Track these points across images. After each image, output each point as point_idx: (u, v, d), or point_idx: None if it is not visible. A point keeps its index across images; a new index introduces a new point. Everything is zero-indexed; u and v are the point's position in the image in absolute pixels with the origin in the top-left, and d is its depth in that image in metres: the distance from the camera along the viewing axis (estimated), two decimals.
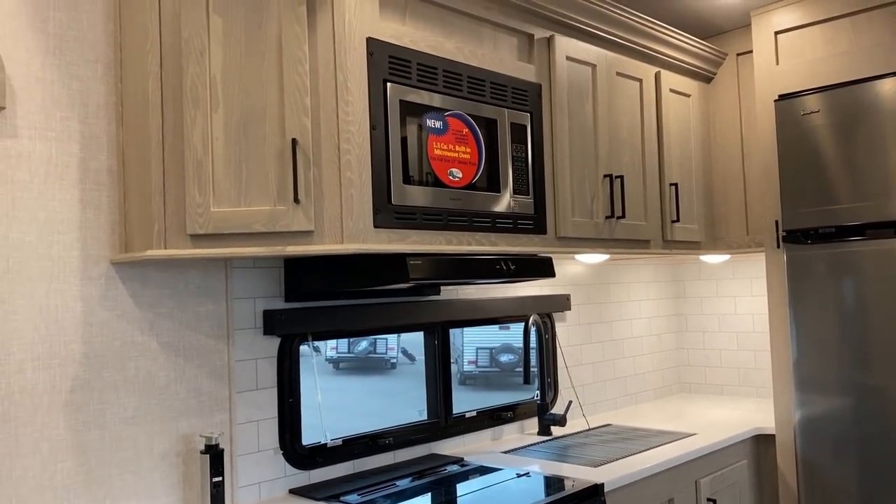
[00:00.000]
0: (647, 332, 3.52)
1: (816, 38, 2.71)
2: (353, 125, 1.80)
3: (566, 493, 2.04)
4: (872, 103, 2.50)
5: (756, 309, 3.44)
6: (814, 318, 2.63)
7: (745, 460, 2.75)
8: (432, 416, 2.55)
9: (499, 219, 2.18)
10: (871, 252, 2.50)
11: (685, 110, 3.03)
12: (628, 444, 2.57)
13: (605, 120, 2.60)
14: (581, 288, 3.18)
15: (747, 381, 3.47)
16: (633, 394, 3.39)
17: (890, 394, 2.46)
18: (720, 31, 3.15)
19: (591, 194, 2.53)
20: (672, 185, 2.90)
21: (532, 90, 2.32)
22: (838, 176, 2.57)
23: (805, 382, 2.65)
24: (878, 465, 2.48)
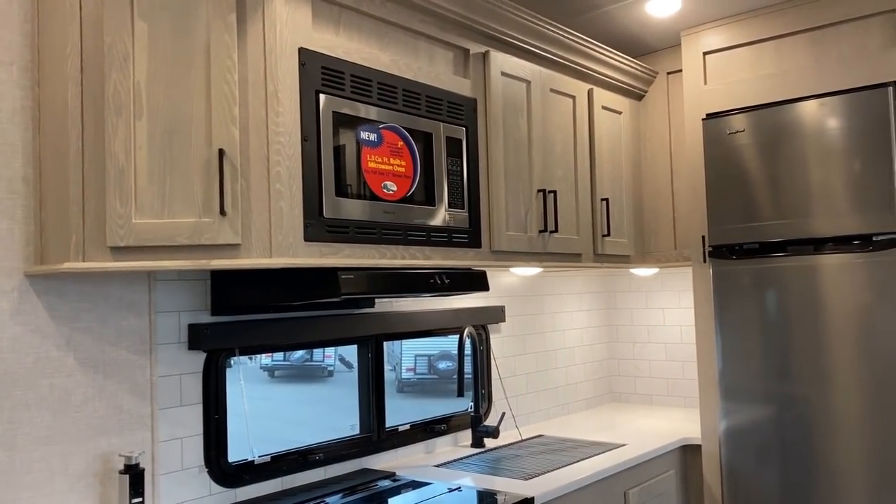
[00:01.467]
0: (580, 342, 3.57)
1: (743, 59, 2.80)
2: (283, 136, 1.77)
3: None
4: (794, 124, 2.60)
5: (684, 321, 3.53)
6: (738, 330, 2.70)
7: (673, 470, 2.81)
8: (364, 431, 2.52)
9: (434, 232, 2.17)
10: (793, 267, 2.59)
11: (617, 127, 3.09)
12: (559, 456, 2.59)
13: (539, 135, 2.63)
14: (516, 299, 3.20)
15: (675, 391, 3.55)
16: (565, 404, 3.43)
17: (810, 403, 2.55)
18: (651, 49, 3.23)
19: (525, 209, 2.55)
20: (603, 200, 2.95)
21: (468, 105, 2.32)
22: (762, 194, 2.66)
23: (730, 393, 2.72)
24: (798, 471, 2.57)
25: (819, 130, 2.54)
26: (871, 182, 2.44)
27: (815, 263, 2.55)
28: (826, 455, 2.51)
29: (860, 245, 2.47)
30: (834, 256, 2.51)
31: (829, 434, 2.51)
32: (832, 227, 2.52)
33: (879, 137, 2.43)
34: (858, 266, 2.46)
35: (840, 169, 2.50)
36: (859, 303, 2.46)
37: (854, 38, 2.57)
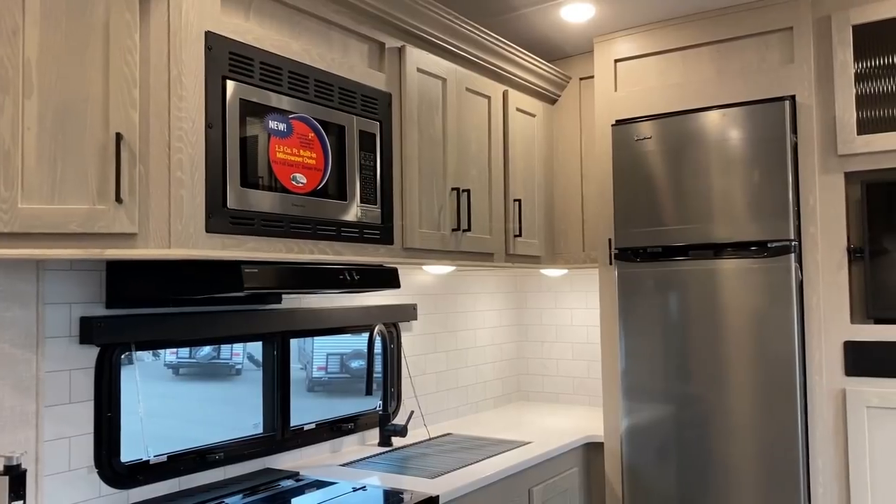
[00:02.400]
0: (490, 341, 3.59)
1: (651, 68, 2.89)
2: (186, 122, 1.70)
3: None
4: (698, 133, 2.69)
5: (591, 321, 3.61)
6: (640, 331, 2.78)
7: (576, 468, 2.87)
8: (268, 430, 2.45)
9: (344, 227, 2.13)
10: (694, 271, 2.69)
11: (530, 129, 3.13)
12: (467, 454, 2.60)
13: (454, 134, 2.63)
14: (428, 298, 3.19)
15: (581, 389, 3.63)
16: (474, 402, 3.45)
17: (707, 402, 2.65)
18: (565, 55, 3.29)
19: (439, 206, 2.55)
20: (516, 200, 2.98)
21: (382, 99, 2.30)
22: (666, 199, 2.75)
23: (631, 392, 2.80)
24: (695, 469, 2.66)
25: (721, 140, 2.65)
26: (767, 191, 2.56)
27: (715, 268, 2.65)
28: (720, 452, 2.62)
29: (756, 251, 2.58)
30: (732, 261, 2.62)
31: (723, 432, 2.61)
32: (731, 233, 2.62)
33: (776, 149, 2.55)
34: (754, 271, 2.58)
35: (740, 178, 2.61)
36: (754, 306, 2.57)
37: (755, 52, 2.69)
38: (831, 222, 2.57)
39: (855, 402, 2.49)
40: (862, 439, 2.48)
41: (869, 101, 2.52)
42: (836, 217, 2.56)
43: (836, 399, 2.53)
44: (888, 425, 2.44)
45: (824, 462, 2.52)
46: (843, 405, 2.52)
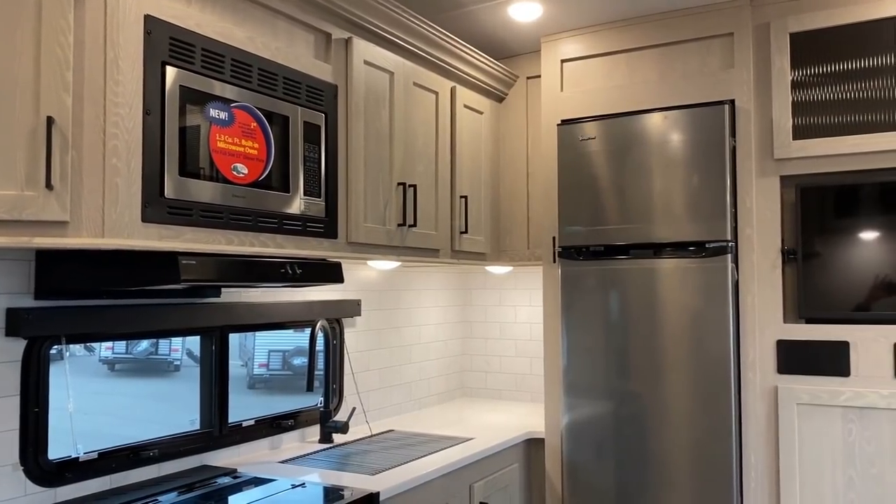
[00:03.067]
0: (435, 338, 3.59)
1: (597, 69, 2.93)
2: (122, 108, 1.64)
3: (342, 503, 2.00)
4: (641, 135, 2.74)
5: (534, 318, 3.64)
6: (582, 329, 2.82)
7: (517, 463, 2.89)
8: (205, 426, 2.40)
9: (287, 220, 2.10)
10: (634, 270, 2.73)
11: (477, 126, 3.13)
12: (408, 451, 2.59)
13: (401, 128, 2.61)
14: (372, 293, 3.17)
15: (523, 386, 3.66)
16: (417, 399, 3.44)
17: (646, 399, 2.70)
18: (513, 53, 3.30)
19: (385, 201, 2.53)
20: (462, 197, 2.98)
21: (328, 90, 2.27)
22: (609, 199, 2.79)
23: (573, 388, 2.83)
24: (633, 463, 2.71)
25: (662, 142, 2.70)
26: (706, 193, 2.62)
27: (655, 267, 2.70)
28: (657, 448, 2.67)
29: (695, 251, 2.64)
30: (671, 261, 2.67)
31: (660, 428, 2.66)
32: (671, 234, 2.67)
33: (715, 152, 2.61)
34: (692, 270, 2.63)
35: (680, 179, 2.66)
36: (692, 305, 2.63)
37: (697, 56, 2.75)
38: (767, 224, 2.64)
39: (786, 399, 2.57)
40: (792, 435, 2.56)
41: (805, 108, 2.60)
42: (771, 219, 2.64)
43: (768, 396, 2.61)
44: (816, 421, 2.53)
45: (756, 457, 2.59)
46: (775, 402, 2.60)
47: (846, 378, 2.50)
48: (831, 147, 2.54)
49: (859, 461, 2.47)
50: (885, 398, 2.43)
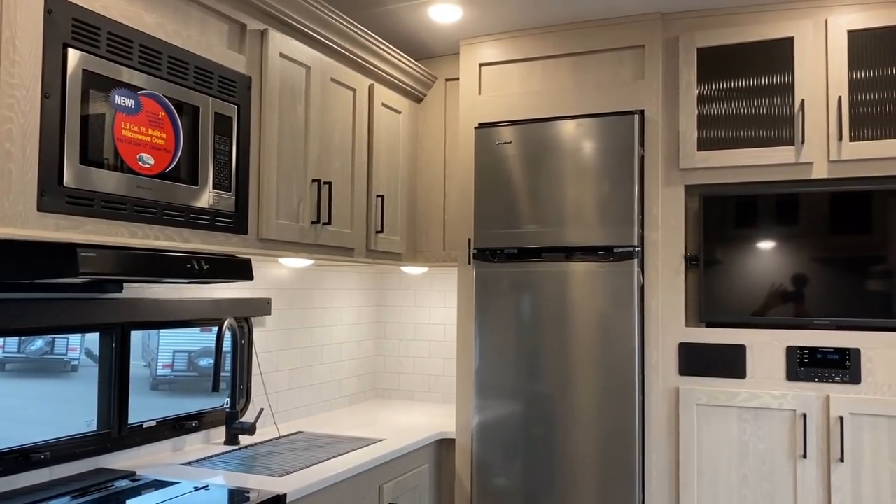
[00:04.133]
0: (348, 338, 3.55)
1: (514, 74, 2.97)
2: (18, 90, 1.55)
3: None
4: (555, 141, 2.79)
5: (449, 319, 3.66)
6: (495, 330, 2.85)
7: (427, 464, 2.89)
8: (103, 427, 2.29)
9: (195, 214, 2.03)
10: (546, 273, 2.78)
11: (395, 126, 3.13)
12: (317, 452, 2.55)
13: (317, 124, 2.57)
14: (284, 292, 3.10)
15: (436, 387, 3.67)
16: (328, 400, 3.39)
17: (555, 400, 2.75)
18: (433, 54, 3.31)
19: (298, 197, 2.48)
20: (379, 196, 2.97)
21: (241, 82, 2.21)
22: (524, 203, 2.83)
23: (484, 389, 2.86)
24: (541, 463, 2.76)
25: (575, 148, 2.76)
26: (615, 199, 2.70)
27: (566, 270, 2.76)
28: (565, 447, 2.72)
29: (604, 255, 2.71)
30: (582, 264, 2.73)
31: (568, 428, 2.72)
32: (582, 238, 2.74)
33: (625, 160, 2.69)
34: (601, 274, 2.70)
35: (591, 185, 2.73)
36: (600, 307, 2.70)
37: (610, 66, 2.83)
38: (671, 231, 2.74)
39: (687, 400, 2.67)
40: (691, 434, 2.66)
41: (709, 120, 2.71)
42: (676, 226, 2.74)
43: (670, 397, 2.71)
44: (714, 422, 2.64)
45: (658, 456, 2.69)
46: (677, 402, 2.70)
47: (742, 380, 2.63)
48: (732, 159, 2.66)
49: (753, 459, 2.59)
50: (778, 399, 2.56)
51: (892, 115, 2.49)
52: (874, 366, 2.47)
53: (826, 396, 2.51)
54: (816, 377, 2.54)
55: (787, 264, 2.60)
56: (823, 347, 2.53)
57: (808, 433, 2.52)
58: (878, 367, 2.47)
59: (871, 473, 2.46)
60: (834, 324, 2.55)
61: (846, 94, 2.53)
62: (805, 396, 2.53)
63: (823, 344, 2.53)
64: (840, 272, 2.54)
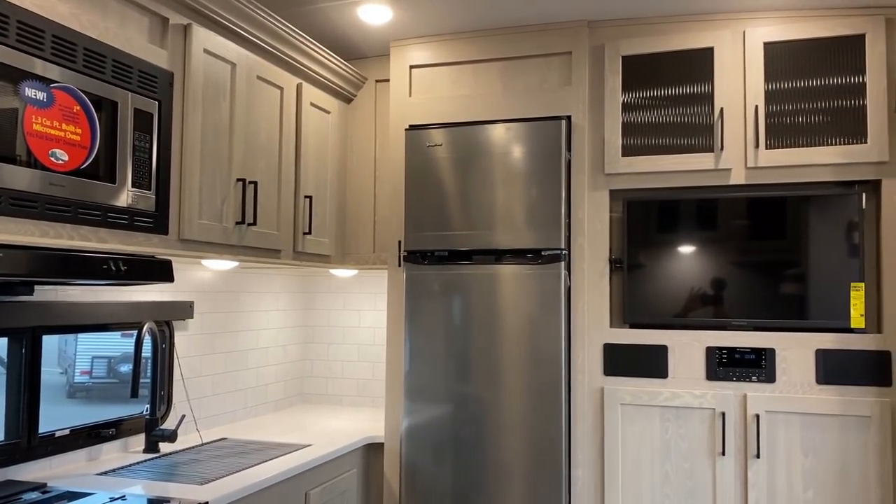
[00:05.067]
0: (274, 343, 3.48)
1: (444, 77, 2.97)
2: None
3: None
4: (485, 144, 2.81)
5: (378, 322, 3.63)
6: (425, 333, 2.84)
7: (355, 469, 2.85)
8: (11, 437, 2.17)
9: (112, 213, 1.95)
10: (476, 275, 2.79)
11: (325, 126, 3.09)
12: (242, 459, 2.48)
13: (242, 122, 2.52)
14: (207, 295, 3.02)
15: (365, 391, 3.63)
16: (253, 406, 3.32)
17: (484, 402, 2.76)
18: (363, 55, 3.29)
19: (222, 197, 2.42)
20: (307, 197, 2.92)
21: (163, 77, 2.14)
22: (454, 206, 2.83)
23: (414, 392, 2.84)
24: (470, 465, 2.76)
25: (505, 152, 2.78)
26: (543, 203, 2.73)
27: (496, 272, 2.77)
28: (493, 449, 2.74)
29: (532, 258, 2.74)
30: (511, 267, 2.76)
31: (497, 430, 2.74)
32: (511, 241, 2.76)
33: (552, 164, 2.73)
34: (529, 276, 2.73)
35: (520, 189, 2.76)
36: (528, 309, 2.72)
37: (538, 72, 2.87)
38: (597, 235, 2.79)
39: (611, 400, 2.72)
40: (616, 434, 2.72)
41: (633, 126, 2.78)
42: (601, 230, 2.79)
43: (595, 397, 2.75)
44: (638, 421, 2.70)
45: (584, 455, 2.73)
46: (602, 402, 2.75)
47: (665, 380, 2.69)
48: (655, 165, 2.73)
49: (674, 457, 2.66)
50: (698, 398, 2.64)
51: (804, 124, 2.60)
52: (788, 365, 2.58)
53: (743, 395, 2.60)
54: (734, 376, 2.62)
55: (706, 268, 2.69)
56: (741, 348, 2.62)
57: (726, 431, 2.61)
58: (791, 367, 2.57)
59: (784, 469, 2.56)
60: (751, 325, 2.64)
61: (762, 103, 2.64)
62: (724, 395, 2.62)
63: (741, 344, 2.62)
64: (756, 276, 2.64)
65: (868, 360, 2.51)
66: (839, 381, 2.53)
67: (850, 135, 2.56)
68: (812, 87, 2.60)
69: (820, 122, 2.59)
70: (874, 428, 2.48)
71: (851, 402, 2.50)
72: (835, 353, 2.54)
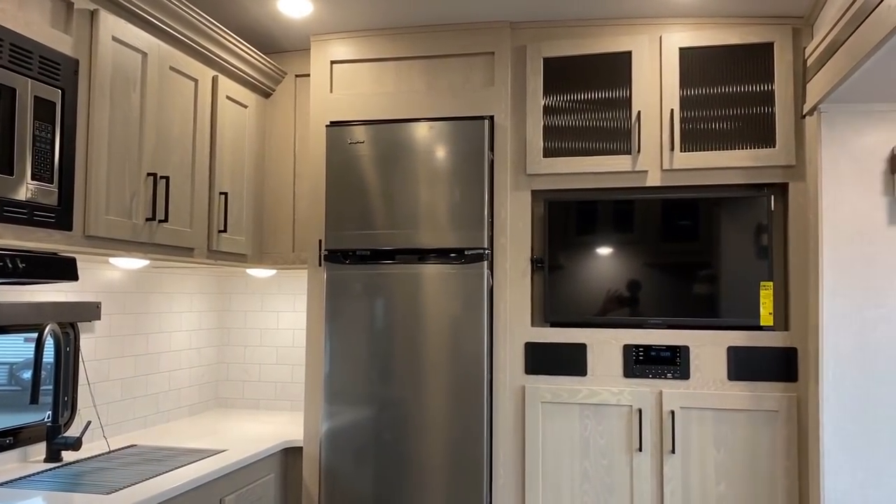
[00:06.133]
0: (187, 345, 3.35)
1: (367, 74, 2.93)
2: None
3: None
4: (408, 143, 2.78)
5: (297, 324, 3.55)
6: (347, 334, 2.79)
7: (273, 474, 2.77)
8: None
9: (9, 206, 1.83)
10: (399, 275, 2.76)
11: (241, 121, 2.99)
12: (152, 466, 2.37)
13: (153, 114, 2.41)
14: (116, 296, 2.88)
15: (284, 395, 3.54)
16: (165, 411, 3.18)
17: (406, 403, 2.72)
18: (282, 49, 3.21)
19: (132, 192, 2.31)
20: (222, 193, 2.82)
21: (67, 65, 2.02)
22: (377, 204, 2.79)
23: (335, 395, 2.78)
24: (392, 467, 2.72)
25: (428, 151, 2.76)
26: (466, 202, 2.72)
27: (419, 272, 2.75)
28: (416, 450, 2.71)
29: (455, 257, 2.73)
30: (434, 266, 2.74)
31: (419, 431, 2.71)
32: (434, 240, 2.74)
33: (475, 164, 2.73)
34: (453, 276, 2.72)
35: (443, 188, 2.74)
36: (451, 309, 2.71)
37: (461, 71, 2.86)
38: (519, 235, 2.81)
39: (532, 398, 2.74)
40: (536, 432, 2.73)
41: (555, 128, 2.80)
42: (523, 230, 2.81)
43: (517, 395, 2.77)
44: (556, 418, 2.73)
45: (505, 453, 2.73)
46: (523, 401, 2.76)
47: (583, 377, 2.73)
48: (575, 166, 2.77)
49: (593, 454, 2.70)
50: (616, 395, 2.68)
51: (717, 129, 2.69)
52: (701, 362, 2.65)
53: (659, 392, 2.66)
54: (650, 374, 2.68)
55: (624, 267, 2.74)
56: (656, 345, 2.69)
57: (643, 427, 2.66)
58: (704, 363, 2.65)
59: (698, 463, 2.63)
60: (666, 323, 2.71)
61: (678, 107, 2.71)
62: (640, 392, 2.67)
63: (656, 342, 2.69)
64: (671, 275, 2.71)
65: (776, 356, 2.61)
66: (749, 377, 2.62)
67: (760, 139, 2.66)
68: (725, 92, 2.69)
69: (732, 126, 2.68)
70: (781, 422, 2.58)
71: (760, 398, 2.60)
72: (745, 349, 2.63)
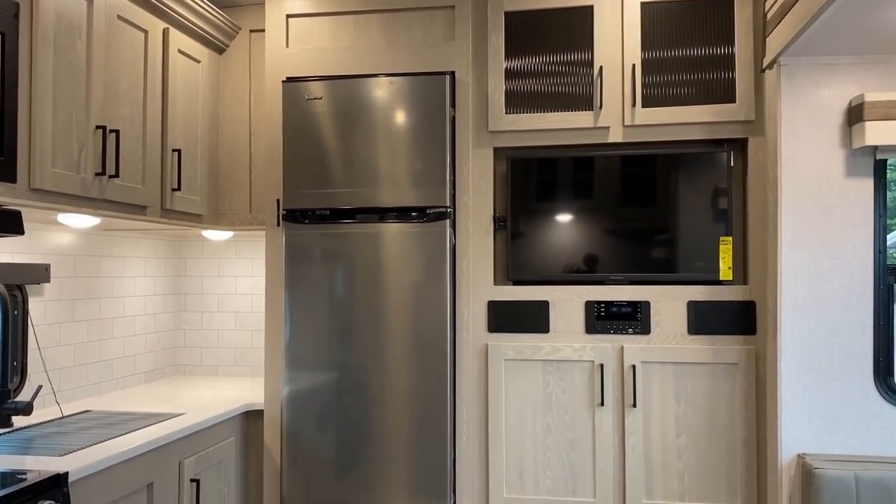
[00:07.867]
0: (143, 311, 3.27)
1: (324, 28, 2.85)
2: None
3: (17, 487, 1.70)
4: (367, 99, 2.72)
5: (256, 289, 3.48)
6: (307, 297, 2.74)
7: (233, 437, 2.73)
8: None
9: None
10: (359, 234, 2.72)
11: (194, 76, 2.89)
12: (107, 430, 2.31)
13: (101, 65, 2.30)
14: (66, 258, 2.78)
15: (243, 360, 3.48)
16: (120, 377, 3.10)
17: (369, 366, 2.69)
18: (236, 3, 3.10)
19: (80, 145, 2.21)
20: (175, 150, 2.73)
21: (6, 8, 1.91)
22: (336, 162, 2.73)
23: (295, 360, 2.74)
24: (354, 431, 2.70)
25: (388, 107, 2.71)
26: (428, 160, 2.68)
27: (379, 231, 2.70)
28: (379, 413, 2.68)
29: (417, 216, 2.69)
30: (395, 225, 2.70)
31: (382, 393, 2.68)
32: (395, 199, 2.70)
33: (437, 121, 2.68)
34: (414, 235, 2.68)
35: (404, 145, 2.69)
36: (414, 268, 2.68)
37: (421, 26, 2.80)
38: (481, 193, 2.78)
39: (495, 356, 2.73)
40: (499, 389, 2.73)
41: (517, 84, 2.77)
42: (485, 188, 2.78)
43: (480, 353, 2.76)
44: (519, 375, 2.73)
45: (469, 412, 2.73)
46: (486, 359, 2.75)
47: (546, 334, 2.73)
48: (537, 122, 2.74)
49: (556, 409, 2.71)
50: (577, 351, 2.69)
51: (679, 85, 2.68)
52: (662, 317, 2.67)
53: (621, 347, 2.68)
54: (612, 329, 2.69)
55: (587, 222, 2.74)
56: (618, 301, 2.70)
57: (605, 382, 2.68)
58: (665, 318, 2.67)
59: (659, 416, 2.66)
60: (627, 279, 2.72)
61: (639, 63, 2.70)
62: (602, 348, 2.68)
63: (618, 298, 2.70)
64: (632, 230, 2.72)
65: (735, 310, 2.64)
66: (709, 330, 2.65)
67: (720, 95, 2.66)
68: (686, 47, 2.69)
69: (693, 82, 2.68)
70: (740, 374, 2.62)
71: (720, 351, 2.63)
72: (705, 304, 2.65)
